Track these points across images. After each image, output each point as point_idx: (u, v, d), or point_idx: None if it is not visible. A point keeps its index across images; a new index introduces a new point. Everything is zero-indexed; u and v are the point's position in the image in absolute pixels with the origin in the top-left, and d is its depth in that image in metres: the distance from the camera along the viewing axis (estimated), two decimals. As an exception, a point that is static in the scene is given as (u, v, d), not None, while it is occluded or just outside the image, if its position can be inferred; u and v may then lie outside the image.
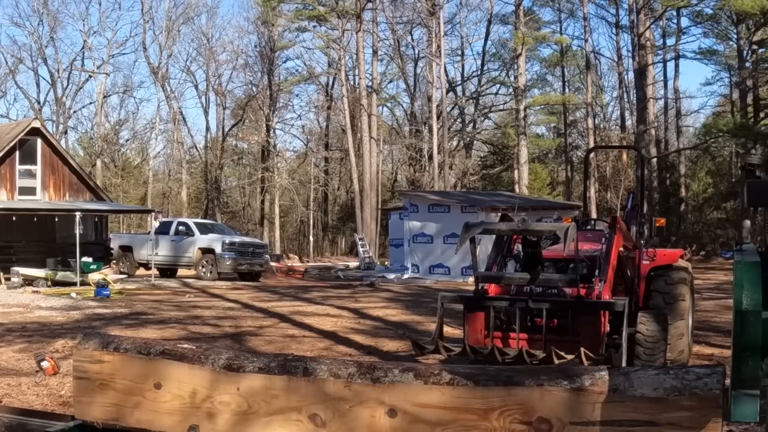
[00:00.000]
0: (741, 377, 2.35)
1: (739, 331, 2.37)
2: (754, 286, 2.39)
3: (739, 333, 2.37)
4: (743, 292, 2.39)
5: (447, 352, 7.36)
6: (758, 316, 2.33)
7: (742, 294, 2.39)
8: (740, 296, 2.39)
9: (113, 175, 49.95)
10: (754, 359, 2.33)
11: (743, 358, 2.34)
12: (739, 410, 2.37)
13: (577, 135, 49.51)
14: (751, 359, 2.34)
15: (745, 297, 2.38)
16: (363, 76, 41.39)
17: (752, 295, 2.37)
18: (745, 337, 2.35)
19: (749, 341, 2.34)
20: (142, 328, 12.06)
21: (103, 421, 3.71)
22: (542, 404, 2.85)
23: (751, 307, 2.36)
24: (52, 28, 49.39)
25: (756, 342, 2.33)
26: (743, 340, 2.35)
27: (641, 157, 14.12)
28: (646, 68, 38.96)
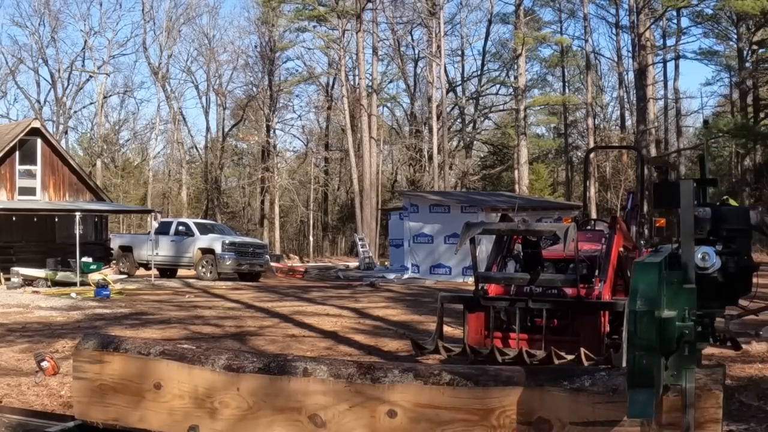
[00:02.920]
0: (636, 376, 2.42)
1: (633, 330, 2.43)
2: (650, 287, 2.44)
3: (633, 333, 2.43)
4: (638, 292, 2.45)
5: (447, 352, 7.36)
6: (651, 317, 2.39)
7: (637, 295, 2.45)
8: (635, 297, 2.45)
9: (113, 175, 49.95)
10: (647, 358, 2.40)
11: (638, 357, 2.41)
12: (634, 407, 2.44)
13: (577, 135, 49.53)
14: (645, 358, 2.40)
15: (639, 297, 2.44)
16: (363, 76, 41.43)
17: (647, 296, 2.43)
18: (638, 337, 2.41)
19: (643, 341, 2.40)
20: (143, 328, 12.06)
21: (103, 421, 3.71)
22: (542, 404, 2.85)
23: (644, 307, 2.41)
24: (52, 28, 49.45)
25: (649, 341, 2.39)
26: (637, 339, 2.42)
27: (641, 157, 14.13)
28: (646, 68, 38.97)
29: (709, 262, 2.81)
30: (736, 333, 11.20)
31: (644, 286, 2.46)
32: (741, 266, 2.95)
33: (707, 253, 2.82)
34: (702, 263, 2.81)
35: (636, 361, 2.42)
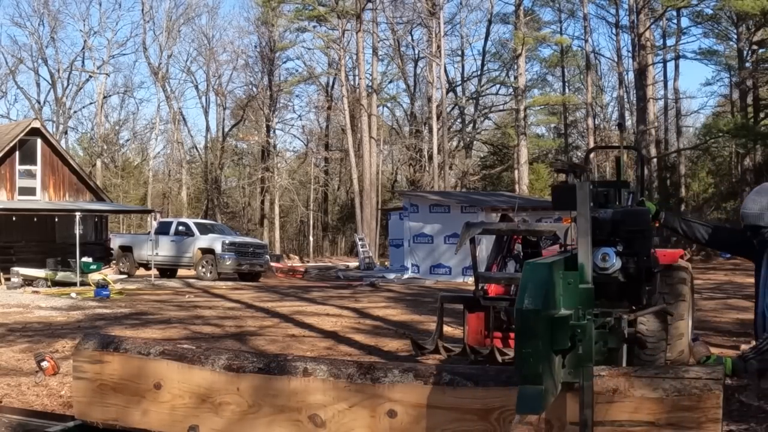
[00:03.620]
0: (524, 373, 2.48)
1: (520, 329, 2.49)
2: (538, 287, 2.50)
3: (520, 331, 2.49)
4: (526, 292, 2.51)
5: (447, 352, 7.36)
6: (538, 315, 2.44)
7: (525, 294, 2.50)
8: (523, 296, 2.50)
9: (113, 175, 49.97)
10: (535, 356, 2.45)
11: (525, 355, 2.46)
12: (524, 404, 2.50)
13: (577, 135, 49.54)
14: (532, 356, 2.45)
15: (527, 297, 2.49)
16: (363, 76, 41.44)
17: (534, 295, 2.48)
18: (525, 336, 2.47)
19: (529, 339, 2.46)
20: (143, 328, 12.06)
21: (103, 421, 3.71)
22: (542, 404, 2.86)
23: (531, 306, 2.47)
24: (52, 28, 49.47)
25: (536, 340, 2.45)
26: (524, 338, 2.47)
27: (641, 157, 14.12)
28: (646, 68, 38.97)
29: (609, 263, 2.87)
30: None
31: (532, 285, 2.52)
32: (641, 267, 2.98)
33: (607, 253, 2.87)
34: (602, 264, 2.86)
35: (523, 359, 2.47)
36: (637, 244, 3.00)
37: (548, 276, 2.55)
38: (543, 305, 2.48)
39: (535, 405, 2.48)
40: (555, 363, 2.61)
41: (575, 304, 2.68)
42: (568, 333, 2.59)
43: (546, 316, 2.50)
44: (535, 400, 2.47)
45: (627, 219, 3.01)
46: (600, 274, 2.87)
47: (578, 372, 2.67)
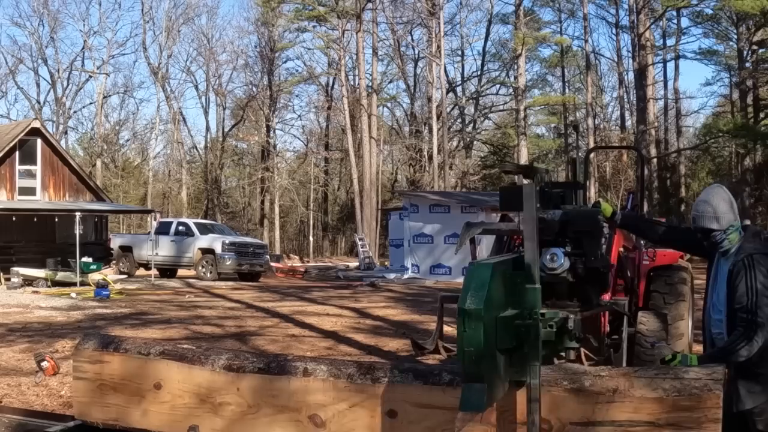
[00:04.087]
0: (467, 371, 2.54)
1: (462, 329, 2.54)
2: (480, 287, 2.54)
3: (462, 331, 2.54)
4: (468, 292, 2.56)
5: (447, 352, 7.36)
6: (479, 315, 2.49)
7: (467, 294, 2.56)
8: (465, 296, 2.56)
9: (113, 175, 49.98)
10: (477, 355, 2.50)
11: (467, 354, 2.51)
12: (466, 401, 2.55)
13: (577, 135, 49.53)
14: (474, 355, 2.51)
15: (469, 297, 2.53)
16: (363, 77, 41.44)
17: (476, 295, 2.53)
18: (467, 335, 2.51)
19: (471, 338, 2.50)
20: (143, 328, 12.06)
21: (103, 421, 3.71)
22: (542, 404, 2.86)
23: (473, 306, 2.51)
24: (52, 28, 49.47)
25: (477, 339, 2.49)
26: (466, 337, 2.53)
27: (641, 158, 14.11)
28: (646, 68, 38.97)
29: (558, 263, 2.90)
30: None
31: (475, 285, 2.57)
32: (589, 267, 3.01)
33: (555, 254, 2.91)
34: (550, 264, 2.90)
35: (466, 358, 2.51)
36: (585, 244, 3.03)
37: (491, 276, 2.58)
38: (485, 305, 2.52)
39: (477, 403, 2.53)
40: (501, 361, 2.65)
41: (522, 304, 2.71)
42: (513, 332, 2.64)
43: (489, 316, 2.54)
44: (478, 398, 2.53)
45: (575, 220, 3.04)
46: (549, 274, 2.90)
47: (525, 370, 2.71)
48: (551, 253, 2.92)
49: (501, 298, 2.67)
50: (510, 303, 2.71)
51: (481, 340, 2.51)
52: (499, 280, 2.66)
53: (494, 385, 2.60)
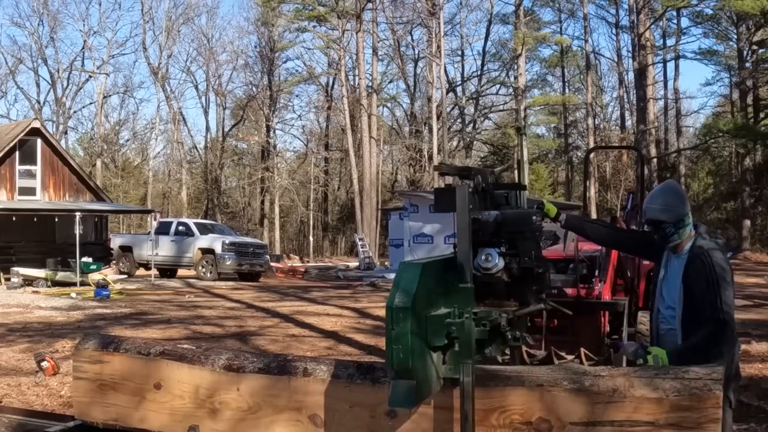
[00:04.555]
0: (395, 369, 2.59)
1: (389, 327, 2.58)
2: (408, 287, 2.60)
3: (390, 328, 2.58)
4: (397, 290, 2.61)
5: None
6: (407, 313, 2.54)
7: (396, 292, 2.61)
8: (393, 294, 2.61)
9: (113, 175, 49.98)
10: (405, 352, 2.56)
11: (395, 351, 2.57)
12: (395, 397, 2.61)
13: (577, 135, 49.54)
14: (402, 352, 2.56)
15: (398, 295, 2.59)
16: (363, 77, 41.44)
17: (405, 294, 2.59)
18: (395, 333, 2.57)
19: (398, 336, 2.56)
20: (143, 328, 12.06)
21: (103, 421, 3.71)
22: (542, 404, 2.86)
23: (401, 304, 2.57)
24: (52, 28, 49.47)
25: (405, 337, 2.55)
26: (393, 335, 2.57)
27: (641, 158, 14.11)
28: (646, 68, 38.98)
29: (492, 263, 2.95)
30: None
31: (404, 284, 2.62)
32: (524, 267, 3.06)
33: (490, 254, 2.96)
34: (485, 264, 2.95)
35: (393, 355, 2.57)
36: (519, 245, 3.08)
37: (420, 275, 2.62)
38: (413, 303, 2.56)
39: (406, 399, 2.58)
40: (432, 359, 2.70)
41: (454, 303, 2.76)
42: (444, 330, 2.69)
43: (417, 314, 2.58)
44: (407, 395, 2.58)
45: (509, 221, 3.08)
46: (484, 274, 2.96)
47: (458, 368, 2.75)
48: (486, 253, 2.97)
49: (432, 297, 2.70)
50: (443, 302, 2.75)
51: (408, 338, 2.55)
52: (430, 279, 2.69)
53: (425, 382, 2.65)
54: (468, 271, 2.79)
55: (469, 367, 2.75)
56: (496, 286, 3.05)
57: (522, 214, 3.23)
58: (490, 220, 3.05)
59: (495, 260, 2.97)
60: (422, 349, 2.64)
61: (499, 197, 3.35)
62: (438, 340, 2.70)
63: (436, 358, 2.75)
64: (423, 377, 2.64)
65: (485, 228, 3.04)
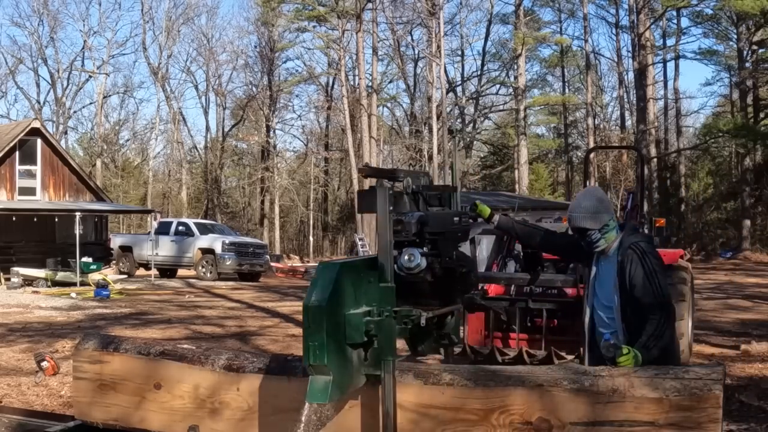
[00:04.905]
0: (312, 365, 2.69)
1: (306, 324, 2.68)
2: (325, 286, 2.70)
3: (306, 326, 2.68)
4: (314, 289, 2.72)
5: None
6: (322, 311, 2.65)
7: (313, 291, 2.71)
8: (311, 293, 2.71)
9: (113, 175, 49.98)
10: (321, 349, 2.65)
11: (311, 348, 2.66)
12: (312, 392, 2.71)
13: (577, 135, 49.55)
14: (318, 349, 2.65)
15: (315, 294, 2.70)
16: (363, 77, 41.43)
17: (321, 293, 2.69)
18: (310, 330, 2.67)
19: (314, 334, 2.66)
20: (143, 328, 12.07)
21: (103, 421, 3.71)
22: (542, 404, 2.86)
23: (317, 303, 2.67)
24: (52, 28, 49.46)
25: (320, 334, 2.65)
26: (309, 332, 2.67)
27: (641, 157, 14.11)
28: (646, 68, 38.98)
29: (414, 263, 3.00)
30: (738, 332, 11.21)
31: (321, 283, 2.71)
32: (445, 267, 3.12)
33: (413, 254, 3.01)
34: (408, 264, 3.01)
35: (310, 352, 2.66)
36: (440, 245, 3.14)
37: (337, 275, 2.72)
38: (329, 302, 2.66)
39: (322, 395, 2.68)
40: (351, 356, 2.79)
41: (373, 302, 2.84)
42: (363, 328, 2.77)
43: (334, 313, 2.68)
44: (323, 390, 2.68)
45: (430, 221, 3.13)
46: (407, 273, 3.02)
47: (379, 365, 2.84)
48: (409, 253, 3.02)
49: (350, 296, 2.79)
50: (364, 301, 2.83)
51: (323, 335, 2.64)
52: (349, 278, 2.78)
53: (343, 379, 2.75)
54: (389, 271, 2.87)
55: (390, 364, 2.83)
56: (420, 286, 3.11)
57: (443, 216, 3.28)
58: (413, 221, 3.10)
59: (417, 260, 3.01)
60: (339, 346, 2.73)
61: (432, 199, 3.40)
62: (357, 338, 2.77)
63: (357, 355, 2.82)
64: (340, 373, 2.73)
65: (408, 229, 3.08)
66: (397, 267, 2.99)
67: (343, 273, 2.75)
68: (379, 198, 2.87)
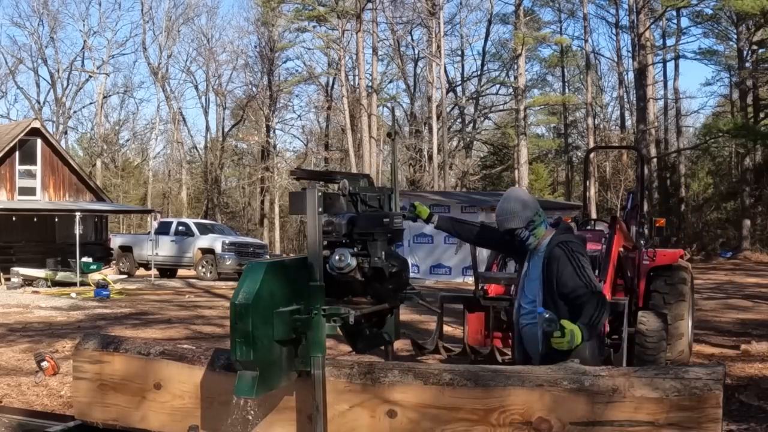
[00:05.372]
0: (238, 360, 2.80)
1: (233, 321, 2.79)
2: (252, 285, 2.81)
3: (233, 323, 2.79)
4: (241, 288, 2.82)
5: (447, 352, 7.37)
6: (248, 308, 2.76)
7: (240, 290, 2.82)
8: (238, 291, 2.82)
9: (113, 175, 49.97)
10: (246, 345, 2.77)
11: (238, 344, 2.78)
12: (240, 387, 2.82)
13: (577, 135, 49.53)
14: (244, 345, 2.77)
15: (241, 292, 2.81)
16: (363, 76, 41.42)
17: (248, 291, 2.80)
18: (237, 327, 2.78)
19: (240, 330, 2.77)
20: (144, 328, 12.07)
21: (103, 421, 3.71)
22: (542, 404, 2.86)
23: (243, 301, 2.77)
24: (52, 28, 49.44)
25: (246, 331, 2.76)
26: (236, 329, 2.78)
27: (641, 157, 14.10)
28: (646, 68, 38.95)
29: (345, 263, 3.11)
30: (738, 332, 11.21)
31: (248, 282, 2.82)
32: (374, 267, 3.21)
33: (343, 254, 3.12)
34: (338, 264, 3.11)
35: (237, 348, 2.78)
36: (369, 245, 3.22)
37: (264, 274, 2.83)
38: (255, 300, 2.77)
39: (249, 390, 2.79)
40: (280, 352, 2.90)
41: (303, 300, 2.96)
42: (291, 326, 2.88)
43: (261, 310, 2.80)
44: (250, 385, 2.79)
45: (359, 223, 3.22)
46: (338, 273, 3.12)
47: (309, 361, 2.97)
48: (340, 253, 3.12)
49: (279, 294, 2.89)
50: (294, 299, 2.95)
51: (249, 332, 2.76)
52: (277, 277, 2.89)
53: (271, 374, 2.86)
54: (318, 270, 2.98)
55: (319, 360, 2.95)
56: (352, 285, 3.22)
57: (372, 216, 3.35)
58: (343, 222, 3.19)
59: (347, 260, 3.11)
60: (266, 343, 2.82)
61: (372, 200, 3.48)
62: (285, 335, 2.87)
63: (287, 351, 2.93)
64: (268, 369, 2.83)
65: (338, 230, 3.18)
66: (328, 266, 3.09)
67: (270, 272, 2.86)
68: (308, 200, 2.97)
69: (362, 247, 3.21)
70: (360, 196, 3.39)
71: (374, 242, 3.23)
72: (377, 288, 3.27)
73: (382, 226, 3.30)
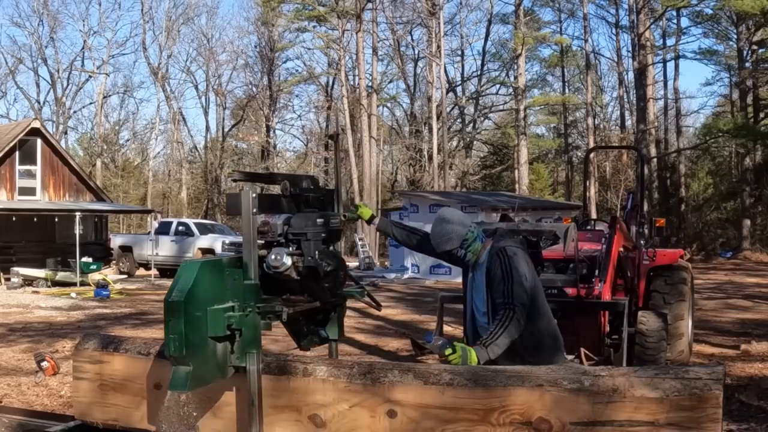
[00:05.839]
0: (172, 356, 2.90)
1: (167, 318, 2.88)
2: (185, 283, 2.89)
3: (167, 319, 2.88)
4: (175, 286, 2.91)
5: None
6: (180, 306, 2.85)
7: (174, 288, 2.90)
8: (171, 289, 2.90)
9: (113, 175, 49.98)
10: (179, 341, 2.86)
11: (171, 340, 2.87)
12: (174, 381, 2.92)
13: (577, 135, 49.53)
14: (177, 341, 2.86)
15: (175, 290, 2.89)
16: (363, 76, 41.41)
17: (181, 289, 2.88)
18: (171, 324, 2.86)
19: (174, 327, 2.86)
20: (144, 328, 12.07)
21: (103, 421, 3.71)
22: (542, 404, 2.86)
23: (176, 298, 2.86)
24: (52, 28, 49.47)
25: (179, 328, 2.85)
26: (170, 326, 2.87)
27: (641, 157, 14.10)
28: (646, 68, 38.95)
29: (280, 262, 3.19)
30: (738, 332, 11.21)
31: (182, 281, 2.91)
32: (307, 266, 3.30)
33: (279, 253, 3.20)
34: (274, 263, 3.19)
35: (170, 344, 2.87)
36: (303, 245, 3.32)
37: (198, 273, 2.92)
38: (188, 297, 2.86)
39: (182, 384, 2.90)
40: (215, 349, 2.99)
41: (237, 298, 3.04)
42: (224, 323, 2.98)
43: (194, 308, 2.89)
44: (183, 380, 2.89)
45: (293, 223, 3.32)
46: (275, 272, 3.21)
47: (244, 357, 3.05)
48: (276, 252, 3.21)
49: (213, 292, 2.98)
50: (229, 296, 3.04)
51: (182, 328, 2.85)
52: (211, 276, 2.98)
53: (204, 369, 2.95)
54: (253, 269, 3.07)
55: (254, 356, 3.04)
56: (289, 283, 3.31)
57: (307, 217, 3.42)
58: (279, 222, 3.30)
59: (283, 259, 3.19)
60: (200, 339, 2.91)
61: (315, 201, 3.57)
62: (219, 332, 2.96)
63: (222, 348, 3.02)
64: (201, 365, 2.93)
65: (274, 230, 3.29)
66: (265, 266, 3.18)
67: (203, 271, 2.95)
68: (243, 201, 3.07)
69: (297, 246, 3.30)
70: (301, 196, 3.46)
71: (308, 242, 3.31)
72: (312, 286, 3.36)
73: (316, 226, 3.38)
